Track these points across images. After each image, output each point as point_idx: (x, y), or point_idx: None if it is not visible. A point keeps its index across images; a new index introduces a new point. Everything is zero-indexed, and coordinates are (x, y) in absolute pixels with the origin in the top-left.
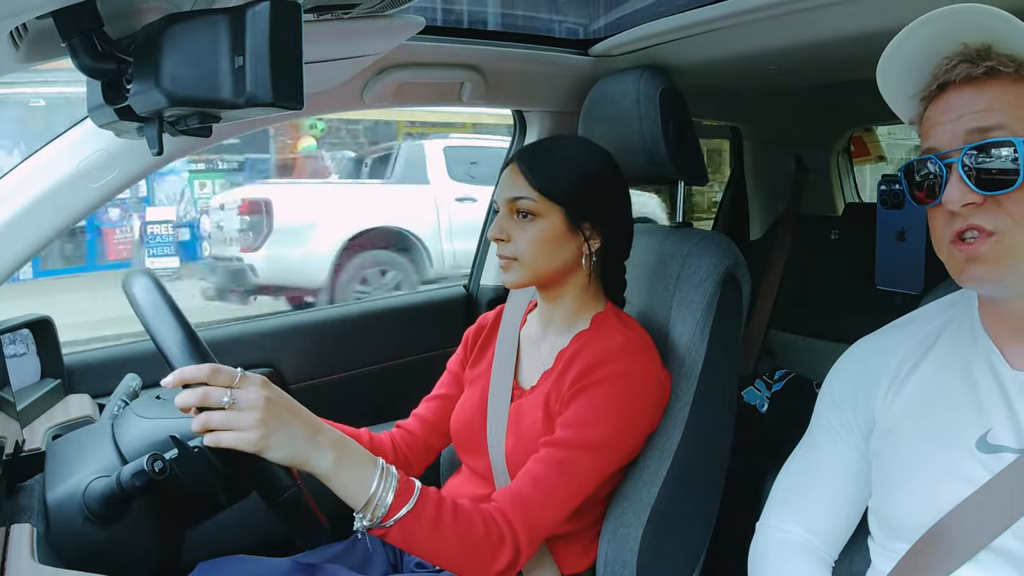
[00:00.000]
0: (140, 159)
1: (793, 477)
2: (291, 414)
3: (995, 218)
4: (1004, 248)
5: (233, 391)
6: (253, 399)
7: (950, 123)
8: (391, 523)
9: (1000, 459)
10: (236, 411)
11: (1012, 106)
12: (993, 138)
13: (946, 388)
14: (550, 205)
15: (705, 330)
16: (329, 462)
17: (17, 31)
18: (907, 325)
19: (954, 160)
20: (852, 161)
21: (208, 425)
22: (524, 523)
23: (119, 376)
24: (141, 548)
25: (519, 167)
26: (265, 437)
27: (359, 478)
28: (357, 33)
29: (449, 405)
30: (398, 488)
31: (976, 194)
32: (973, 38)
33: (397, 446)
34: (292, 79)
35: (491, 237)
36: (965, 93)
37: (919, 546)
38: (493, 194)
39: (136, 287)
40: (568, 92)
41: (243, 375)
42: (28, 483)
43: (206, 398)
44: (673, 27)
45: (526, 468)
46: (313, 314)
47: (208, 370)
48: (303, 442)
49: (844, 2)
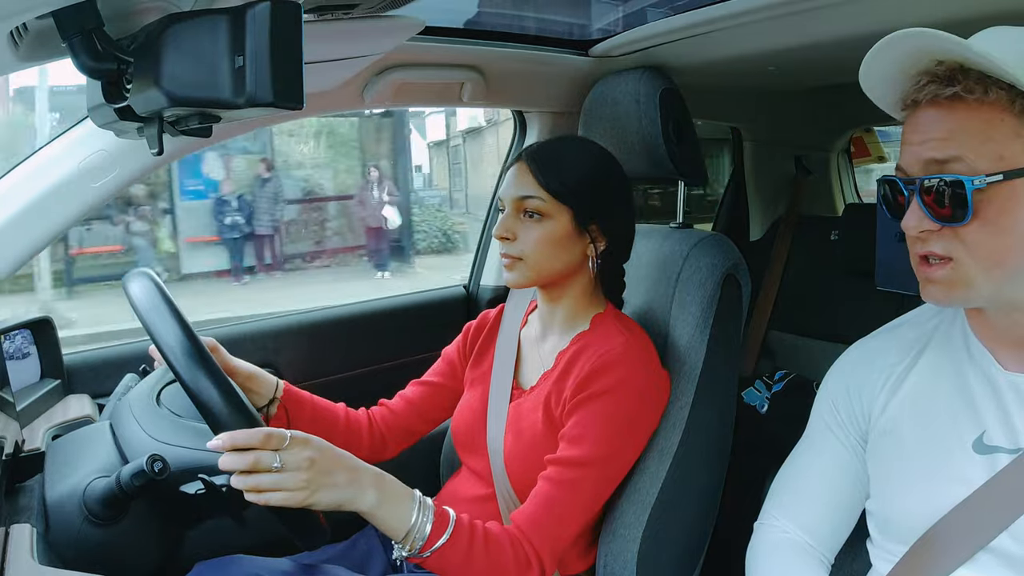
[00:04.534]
0: (140, 159)
1: (790, 477)
2: (333, 464)
3: (950, 246)
4: (959, 275)
5: (282, 454)
6: (300, 461)
7: (915, 146)
8: (428, 553)
9: (996, 460)
10: (285, 474)
11: (973, 136)
12: (947, 174)
13: (941, 390)
14: (559, 206)
15: (705, 330)
16: (371, 500)
17: (17, 31)
18: (901, 327)
19: (913, 188)
20: (852, 161)
21: (258, 487)
22: (545, 543)
23: (119, 376)
24: (141, 548)
25: (528, 166)
26: (312, 495)
27: (398, 512)
28: (357, 33)
29: (436, 392)
30: (435, 520)
31: (932, 222)
32: (945, 57)
33: (374, 423)
34: (292, 79)
35: (497, 236)
36: (932, 114)
37: (916, 548)
38: (497, 191)
39: (135, 287)
40: (568, 92)
41: (292, 437)
42: (28, 483)
43: (257, 464)
44: (673, 27)
45: (538, 488)
46: (313, 314)
47: (261, 436)
48: (346, 488)
49: (844, 3)
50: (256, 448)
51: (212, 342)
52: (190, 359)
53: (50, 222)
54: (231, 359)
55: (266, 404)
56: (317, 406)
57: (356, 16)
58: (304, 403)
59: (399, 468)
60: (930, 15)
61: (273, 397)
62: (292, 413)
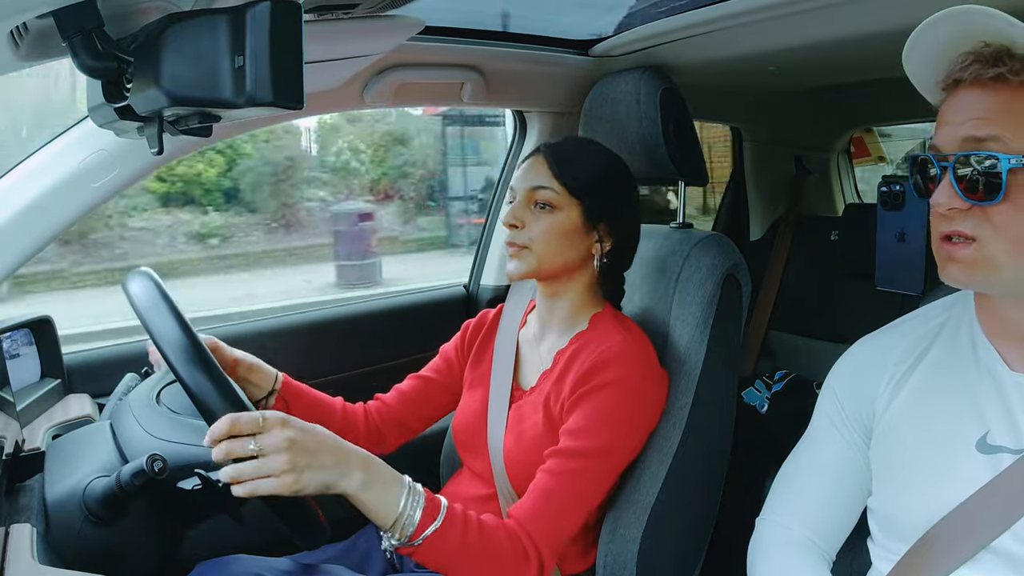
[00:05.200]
0: (140, 159)
1: (793, 473)
2: (316, 444)
3: (978, 226)
4: (983, 256)
5: (258, 438)
6: (278, 442)
7: (953, 125)
8: (419, 541)
9: (999, 460)
10: (265, 458)
11: (1014, 117)
12: (983, 151)
13: (945, 389)
14: (570, 200)
15: (705, 330)
16: (358, 482)
17: (17, 31)
18: (906, 324)
19: (947, 164)
20: (852, 162)
21: (240, 477)
22: (544, 536)
23: (119, 376)
24: (141, 548)
25: (545, 158)
26: (298, 478)
27: (387, 497)
28: (357, 33)
29: (431, 388)
30: (425, 507)
31: (962, 200)
32: (993, 39)
33: (370, 417)
34: (292, 79)
35: (505, 223)
36: (974, 94)
37: (918, 547)
38: (509, 183)
39: (135, 287)
40: (568, 92)
41: (264, 418)
42: (28, 483)
43: (231, 453)
44: (673, 27)
45: (537, 481)
46: (313, 314)
47: (227, 423)
48: (332, 469)
49: (844, 3)
50: (230, 436)
51: (213, 341)
52: (189, 358)
53: (50, 222)
54: (232, 351)
55: (265, 396)
56: (315, 399)
57: (356, 16)
58: (303, 395)
59: (399, 468)
60: (930, 15)
61: (272, 389)
62: (290, 406)
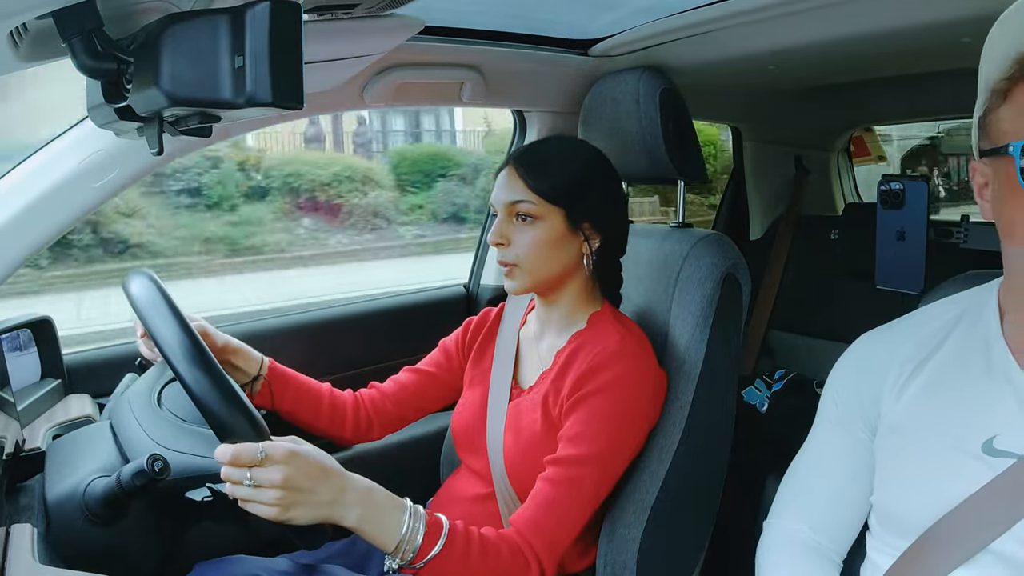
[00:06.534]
0: (140, 159)
1: (798, 475)
2: (313, 482)
3: None
4: None
5: (253, 471)
6: (272, 478)
7: None
8: (421, 564)
9: (1005, 464)
10: (256, 490)
11: None
12: None
13: (954, 388)
14: (550, 207)
15: (705, 330)
16: (355, 517)
17: (17, 31)
18: (913, 320)
19: None
20: (852, 161)
21: (235, 496)
22: (544, 545)
23: (119, 376)
24: (141, 548)
25: (516, 170)
26: (285, 512)
27: (387, 526)
28: (357, 33)
29: (428, 381)
30: (427, 530)
31: None
32: None
33: (362, 405)
34: (292, 79)
35: (491, 242)
36: None
37: (917, 545)
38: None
39: (135, 287)
40: (568, 92)
41: (265, 455)
42: (28, 483)
43: (228, 478)
44: (673, 27)
45: (537, 489)
46: (312, 314)
47: (229, 454)
48: (327, 506)
49: (843, 3)
50: (229, 464)
51: (202, 326)
52: (191, 360)
53: (50, 222)
54: (219, 335)
55: (250, 381)
56: (301, 385)
57: (356, 16)
58: (289, 381)
59: (399, 468)
60: (930, 15)
61: (258, 375)
62: (276, 392)
